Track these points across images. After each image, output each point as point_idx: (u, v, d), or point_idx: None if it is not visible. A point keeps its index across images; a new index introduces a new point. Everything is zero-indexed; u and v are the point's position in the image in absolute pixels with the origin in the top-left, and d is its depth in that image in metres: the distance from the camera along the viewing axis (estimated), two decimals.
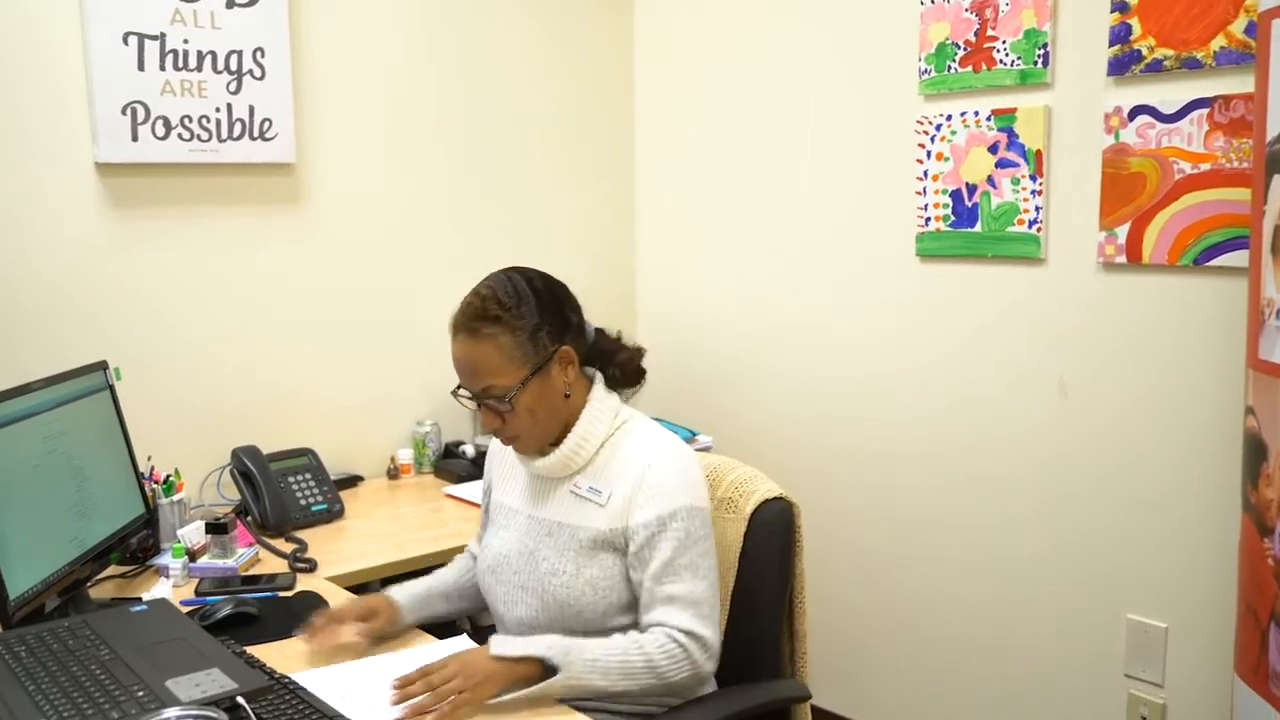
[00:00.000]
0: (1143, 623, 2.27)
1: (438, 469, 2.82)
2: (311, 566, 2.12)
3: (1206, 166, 2.08)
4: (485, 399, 1.64)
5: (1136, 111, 2.16)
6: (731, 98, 2.95)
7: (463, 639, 1.72)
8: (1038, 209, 2.34)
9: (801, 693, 1.79)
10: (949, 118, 2.47)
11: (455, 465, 2.76)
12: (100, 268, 2.36)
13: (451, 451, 2.83)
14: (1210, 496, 2.14)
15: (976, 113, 2.42)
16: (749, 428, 2.98)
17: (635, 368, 1.77)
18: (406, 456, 2.81)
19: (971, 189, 2.45)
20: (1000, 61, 2.36)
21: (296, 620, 1.83)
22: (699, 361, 3.10)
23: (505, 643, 1.53)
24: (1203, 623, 2.19)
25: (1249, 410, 1.84)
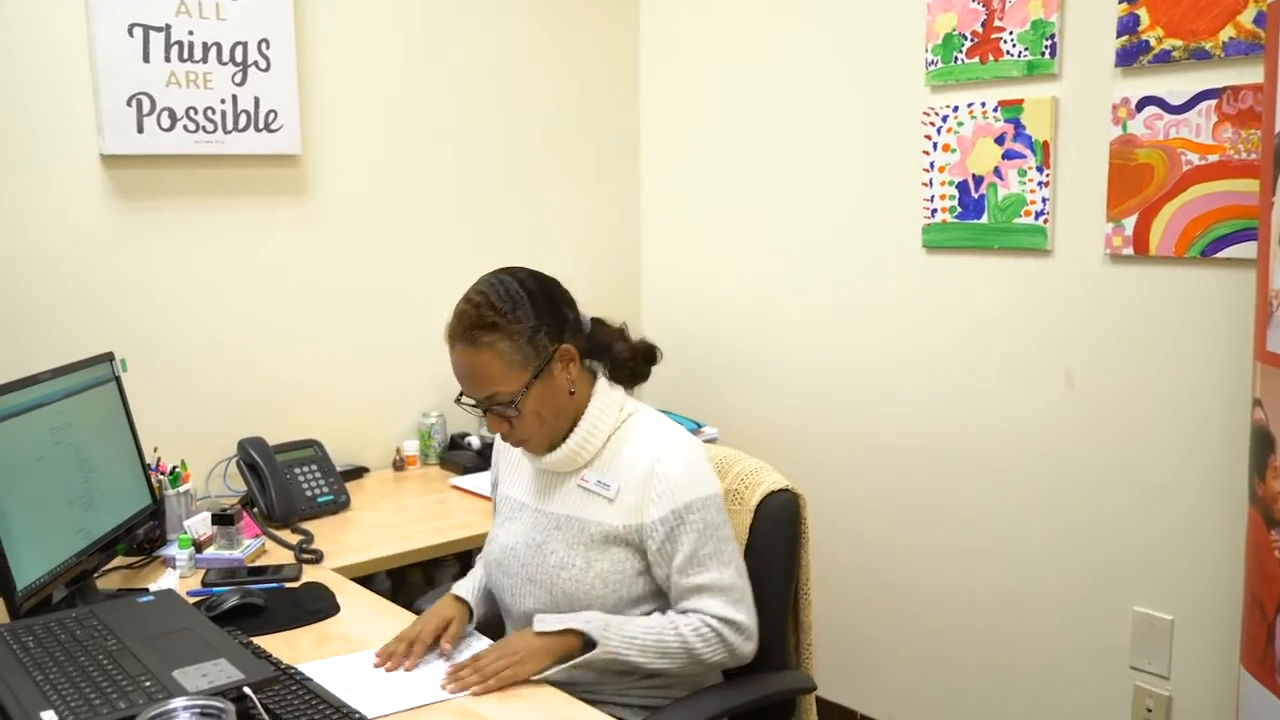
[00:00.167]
0: (1148, 615, 2.27)
1: (443, 460, 2.82)
2: (318, 558, 2.12)
3: (1214, 158, 2.08)
4: (490, 406, 1.63)
5: (1144, 103, 2.15)
6: (737, 92, 2.94)
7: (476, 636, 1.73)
8: (1044, 200, 2.33)
9: (807, 684, 1.80)
10: (955, 109, 2.46)
11: (461, 457, 2.77)
12: (106, 259, 2.37)
13: (457, 443, 2.84)
14: (1217, 489, 2.14)
15: (983, 104, 2.41)
16: (755, 420, 2.98)
17: (635, 359, 1.75)
18: (412, 448, 2.81)
19: (978, 180, 2.44)
20: (1007, 53, 2.35)
21: (303, 611, 1.84)
22: (704, 354, 3.10)
23: (546, 620, 1.58)
24: (1209, 615, 2.18)
25: (1256, 402, 1.84)
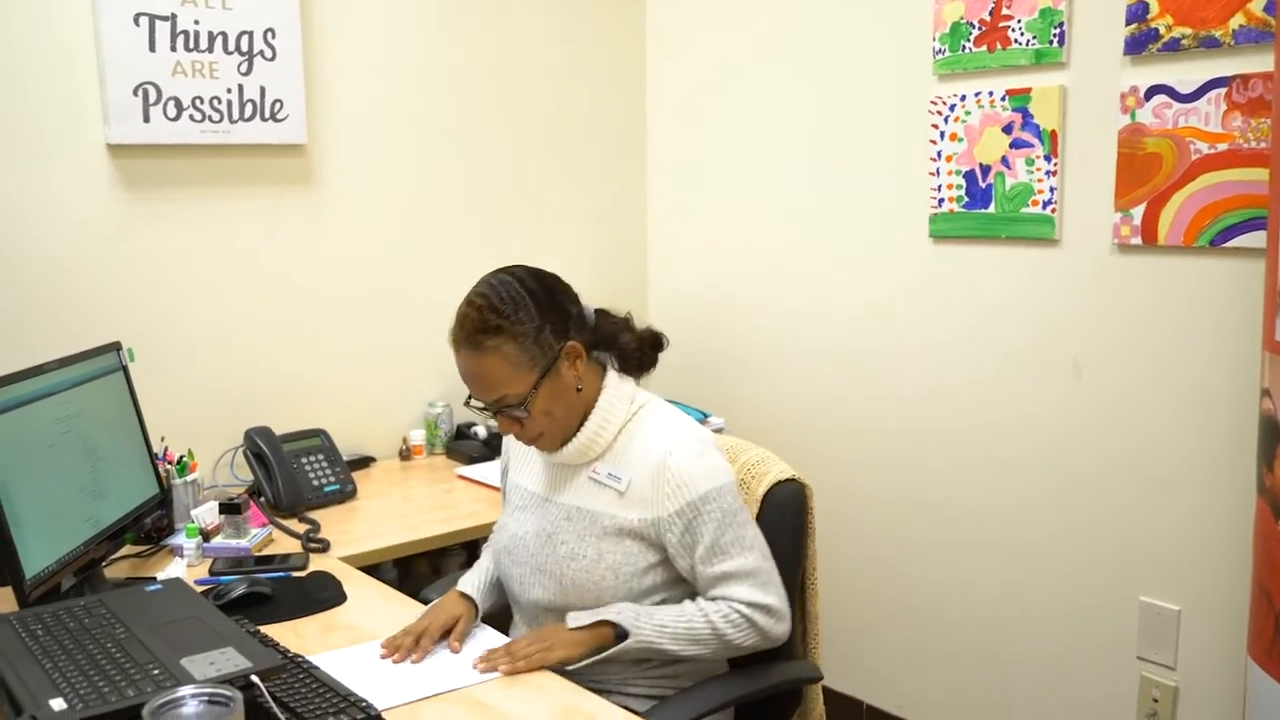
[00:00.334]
0: (1155, 605, 2.27)
1: (449, 450, 2.83)
2: (324, 547, 2.13)
3: (1224, 147, 2.06)
4: (500, 409, 1.63)
5: (1153, 91, 2.14)
6: (744, 83, 2.93)
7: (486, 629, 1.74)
8: (1052, 190, 2.32)
9: (813, 674, 1.80)
10: (963, 98, 2.45)
11: (467, 446, 2.77)
12: (113, 249, 2.37)
13: (463, 433, 2.84)
14: (1224, 479, 2.13)
15: (991, 93, 2.40)
16: (761, 410, 2.97)
17: (642, 349, 1.74)
18: (418, 437, 2.81)
19: (985, 170, 2.43)
20: (1015, 41, 2.34)
21: (310, 600, 1.84)
22: (712, 344, 3.10)
23: (579, 616, 1.61)
24: (1216, 605, 2.18)
25: (1264, 393, 1.83)
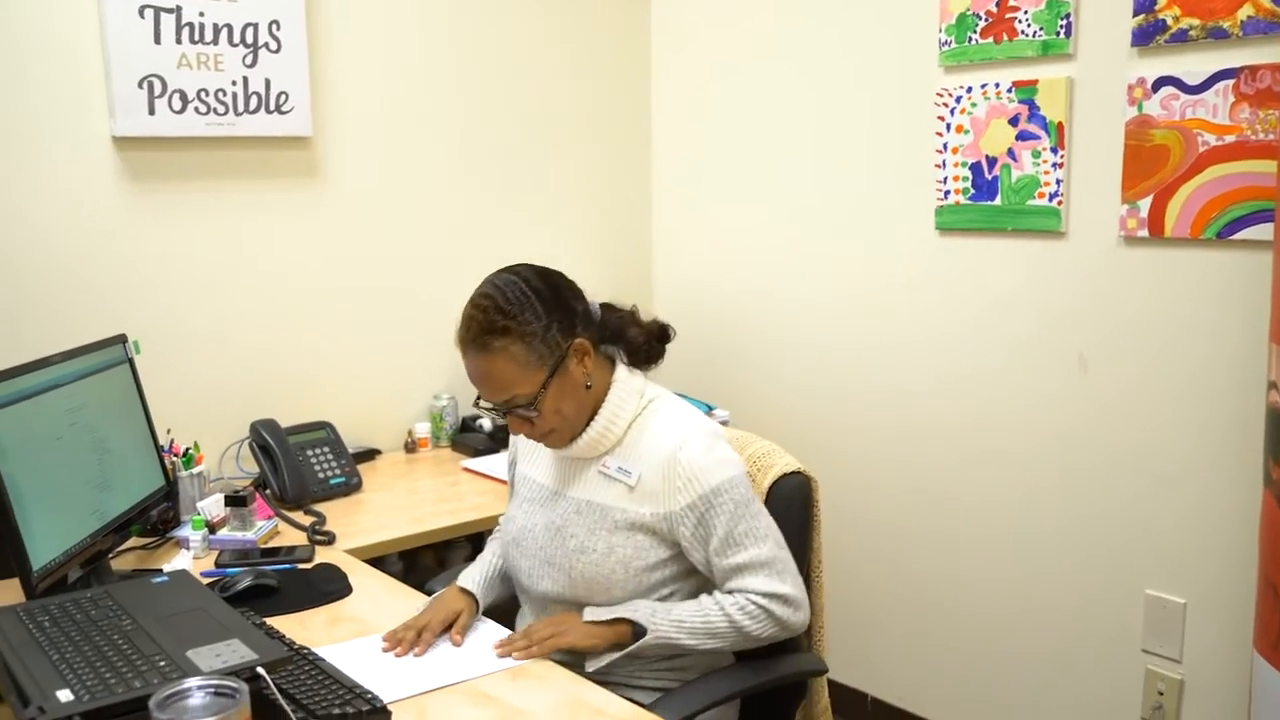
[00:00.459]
0: (1161, 598, 2.27)
1: (455, 443, 2.83)
2: (330, 539, 2.13)
3: (1231, 138, 2.05)
4: (510, 409, 1.63)
5: (1160, 83, 2.13)
6: (750, 76, 2.92)
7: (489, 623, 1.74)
8: (1059, 182, 2.31)
9: (818, 666, 1.80)
10: (969, 90, 2.44)
11: (472, 439, 2.77)
12: (118, 241, 2.37)
13: (469, 425, 2.84)
14: (1230, 472, 2.13)
15: (997, 84, 2.39)
16: (767, 403, 2.97)
17: (649, 342, 1.74)
18: (424, 430, 2.82)
19: (992, 162, 2.42)
20: (1022, 32, 2.33)
21: (315, 592, 1.85)
22: (717, 337, 3.09)
23: (596, 612, 1.61)
24: (1221, 598, 2.18)
25: (1271, 385, 1.82)
